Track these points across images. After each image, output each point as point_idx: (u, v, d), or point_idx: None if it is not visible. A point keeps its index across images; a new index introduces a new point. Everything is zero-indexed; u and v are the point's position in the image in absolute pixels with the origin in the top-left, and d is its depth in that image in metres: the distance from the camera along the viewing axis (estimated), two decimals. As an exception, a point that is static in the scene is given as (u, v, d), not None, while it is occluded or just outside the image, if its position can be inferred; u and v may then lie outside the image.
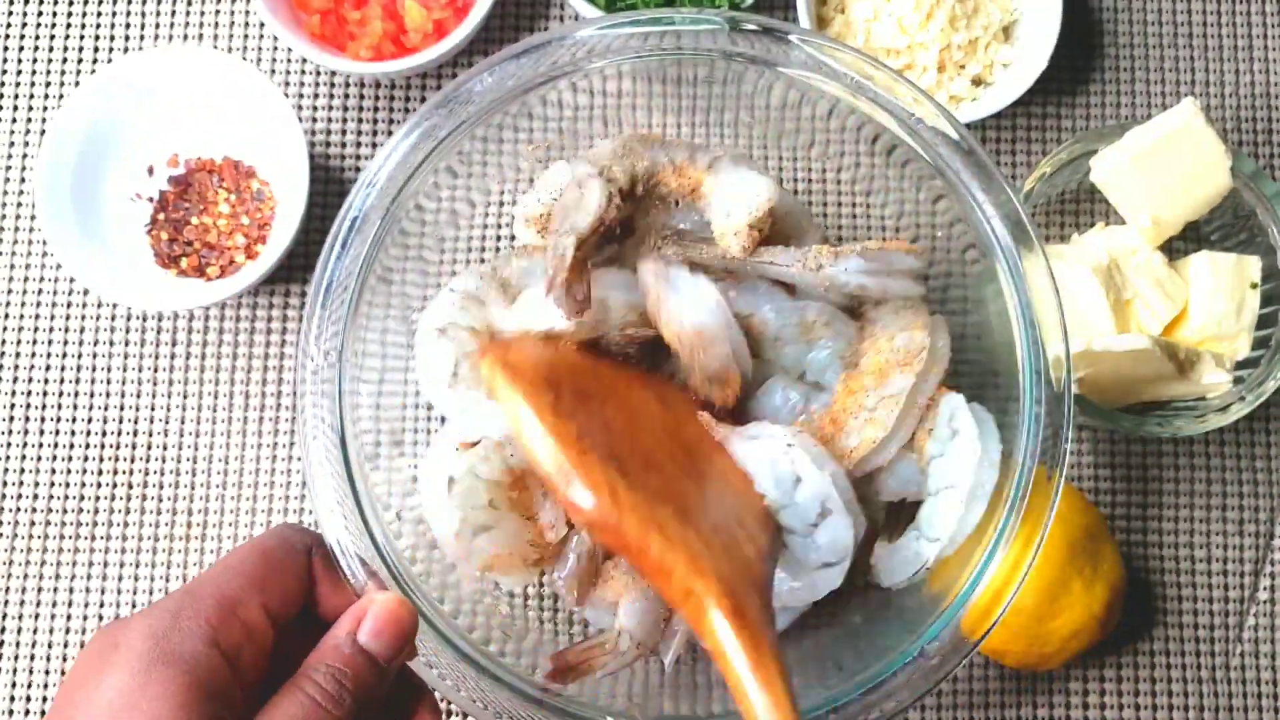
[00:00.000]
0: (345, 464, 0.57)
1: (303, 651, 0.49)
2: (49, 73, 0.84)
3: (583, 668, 0.61)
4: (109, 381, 0.80)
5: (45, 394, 0.80)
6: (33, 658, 0.77)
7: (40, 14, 0.84)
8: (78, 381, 0.80)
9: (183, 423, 0.79)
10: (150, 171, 0.80)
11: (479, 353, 0.58)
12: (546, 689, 0.59)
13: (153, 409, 0.80)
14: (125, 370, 0.80)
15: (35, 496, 0.79)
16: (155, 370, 0.80)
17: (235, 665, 0.47)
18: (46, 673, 0.77)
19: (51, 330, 0.80)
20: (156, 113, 0.79)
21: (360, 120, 0.83)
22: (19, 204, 0.82)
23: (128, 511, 0.78)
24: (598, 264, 0.64)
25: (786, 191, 0.69)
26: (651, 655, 0.64)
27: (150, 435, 0.79)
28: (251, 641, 0.48)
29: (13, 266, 0.81)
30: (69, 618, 0.77)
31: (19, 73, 0.83)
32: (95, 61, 0.84)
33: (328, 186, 0.82)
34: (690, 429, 0.61)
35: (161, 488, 0.79)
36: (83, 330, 0.80)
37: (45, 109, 0.83)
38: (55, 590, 0.77)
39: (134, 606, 0.77)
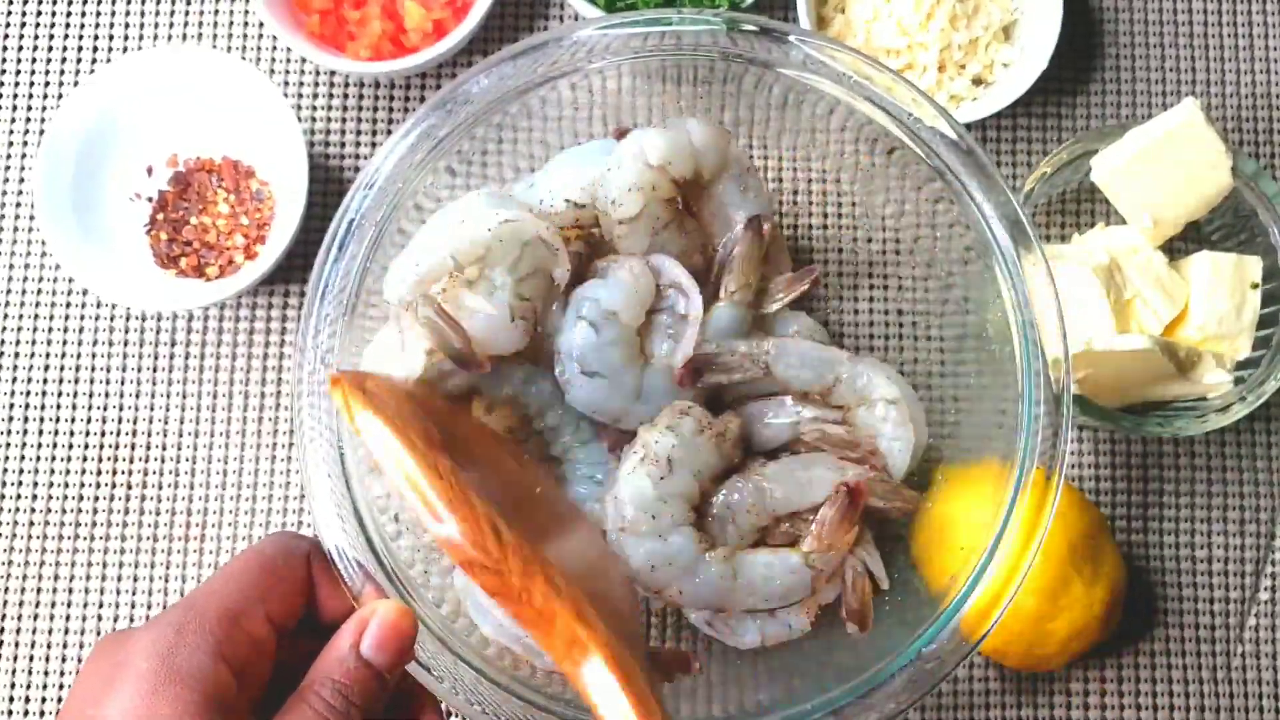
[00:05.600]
0: (343, 468, 0.57)
1: (303, 655, 0.49)
2: (49, 73, 0.83)
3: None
4: (109, 381, 0.80)
5: (45, 394, 0.80)
6: (32, 658, 0.77)
7: (40, 14, 0.84)
8: (77, 381, 0.80)
9: (182, 423, 0.79)
10: (150, 171, 0.80)
11: (330, 382, 0.53)
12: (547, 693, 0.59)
13: (152, 409, 0.80)
14: (125, 370, 0.80)
15: (35, 496, 0.79)
16: (155, 370, 0.80)
17: (241, 677, 0.46)
18: (46, 673, 0.77)
19: (51, 330, 0.80)
20: (156, 113, 0.79)
21: (360, 120, 0.83)
22: (18, 204, 0.82)
23: (127, 511, 0.78)
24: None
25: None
26: None
27: (150, 435, 0.79)
28: (255, 652, 0.47)
29: (12, 266, 0.81)
30: (69, 618, 0.77)
31: (19, 73, 0.83)
32: (95, 61, 0.84)
33: (327, 186, 0.82)
34: (547, 487, 0.60)
35: (161, 488, 0.79)
36: (82, 330, 0.80)
37: (45, 109, 0.83)
38: (55, 590, 0.77)
39: (134, 607, 0.77)
